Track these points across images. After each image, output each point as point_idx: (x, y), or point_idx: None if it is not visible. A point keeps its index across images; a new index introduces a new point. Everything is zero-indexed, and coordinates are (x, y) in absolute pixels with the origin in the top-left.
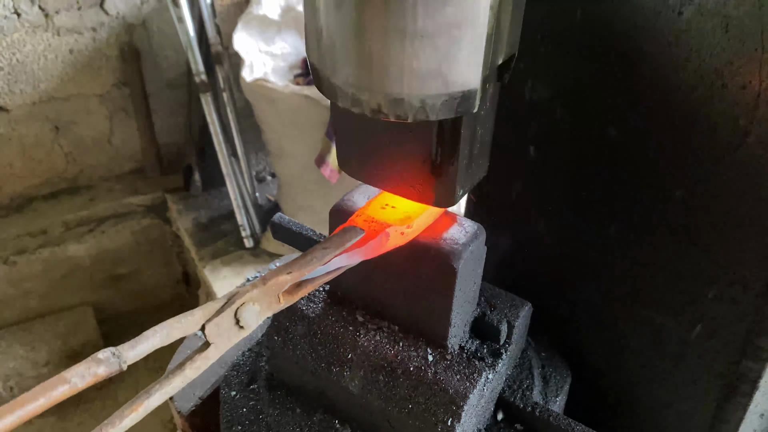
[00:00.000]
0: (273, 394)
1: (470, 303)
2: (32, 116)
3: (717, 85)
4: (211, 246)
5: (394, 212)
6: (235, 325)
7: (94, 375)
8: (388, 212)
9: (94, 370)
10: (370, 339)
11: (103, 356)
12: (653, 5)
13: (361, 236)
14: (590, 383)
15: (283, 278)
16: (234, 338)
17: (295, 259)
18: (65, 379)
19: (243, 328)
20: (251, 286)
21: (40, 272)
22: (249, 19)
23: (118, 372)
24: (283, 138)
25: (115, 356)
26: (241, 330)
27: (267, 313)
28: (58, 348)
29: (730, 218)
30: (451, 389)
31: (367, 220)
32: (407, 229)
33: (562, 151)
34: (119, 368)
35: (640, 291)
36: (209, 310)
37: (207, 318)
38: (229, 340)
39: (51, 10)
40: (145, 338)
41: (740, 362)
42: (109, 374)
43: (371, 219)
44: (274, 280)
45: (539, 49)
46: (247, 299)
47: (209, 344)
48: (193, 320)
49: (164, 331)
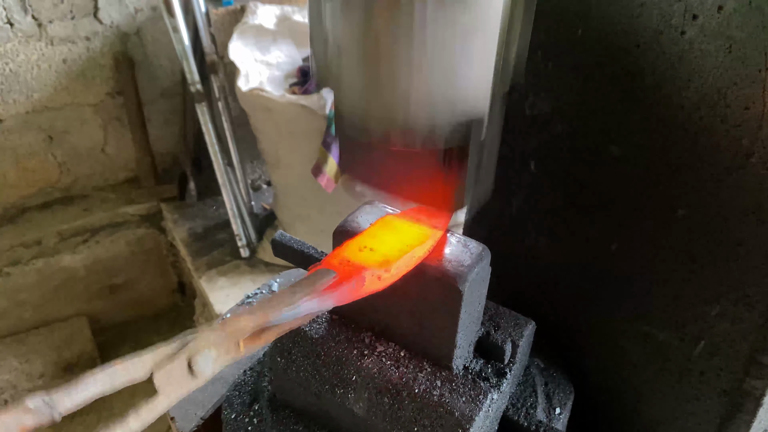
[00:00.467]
0: (276, 415)
1: (475, 323)
2: (26, 126)
3: (720, 105)
4: (206, 256)
5: (372, 255)
6: (188, 373)
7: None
8: (365, 254)
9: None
10: (374, 361)
11: (33, 405)
12: (655, 25)
13: (334, 279)
14: (592, 399)
15: (244, 324)
16: (186, 387)
17: (260, 302)
18: None
19: (196, 377)
20: (209, 330)
21: (35, 283)
22: (244, 29)
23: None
24: (280, 147)
25: (48, 405)
26: (194, 379)
27: (225, 360)
28: (53, 360)
29: (733, 237)
30: (457, 411)
31: (342, 262)
32: (385, 273)
33: (563, 167)
34: (51, 419)
35: (643, 308)
36: (159, 355)
37: (157, 363)
38: (180, 389)
39: (44, 19)
40: (84, 385)
41: (744, 380)
42: (40, 425)
43: (347, 261)
44: (234, 325)
45: (540, 65)
46: (202, 345)
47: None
48: (141, 366)
49: (106, 378)
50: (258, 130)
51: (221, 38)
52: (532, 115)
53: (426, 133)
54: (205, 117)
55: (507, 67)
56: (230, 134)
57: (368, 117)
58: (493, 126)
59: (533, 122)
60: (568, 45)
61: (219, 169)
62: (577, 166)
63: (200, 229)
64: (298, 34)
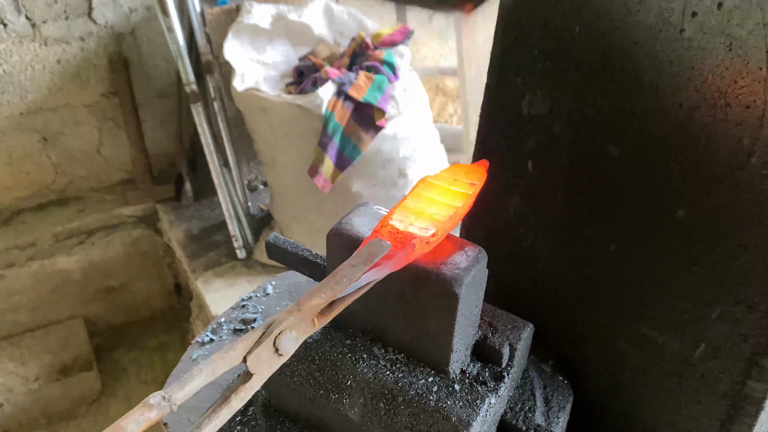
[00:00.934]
0: (270, 421)
1: (472, 327)
2: (20, 127)
3: (720, 104)
4: (203, 257)
5: (419, 217)
6: (274, 353)
7: (147, 420)
8: (411, 220)
9: (147, 415)
10: (369, 365)
11: (154, 401)
12: (654, 23)
13: (388, 250)
14: (591, 402)
15: (317, 302)
16: (274, 365)
17: (326, 280)
18: (121, 428)
19: (282, 355)
20: (287, 313)
21: (30, 285)
22: (240, 29)
23: (169, 414)
24: (276, 148)
25: (166, 400)
26: (280, 357)
27: (303, 337)
28: (49, 362)
29: (733, 238)
30: (454, 417)
31: (392, 232)
32: (432, 238)
33: (561, 168)
34: (170, 410)
35: (642, 310)
36: (249, 342)
37: (247, 350)
38: (270, 368)
39: (38, 20)
40: (192, 378)
41: (745, 383)
42: (162, 417)
43: (396, 230)
44: (308, 305)
45: (537, 64)
46: (284, 327)
47: (251, 374)
48: (235, 354)
49: (209, 368)
50: (254, 131)
51: (216, 38)
52: (530, 115)
53: None
54: (201, 117)
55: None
56: (226, 134)
57: None
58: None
59: (531, 122)
60: (566, 43)
61: (215, 169)
62: (575, 166)
63: (196, 230)
64: (294, 33)
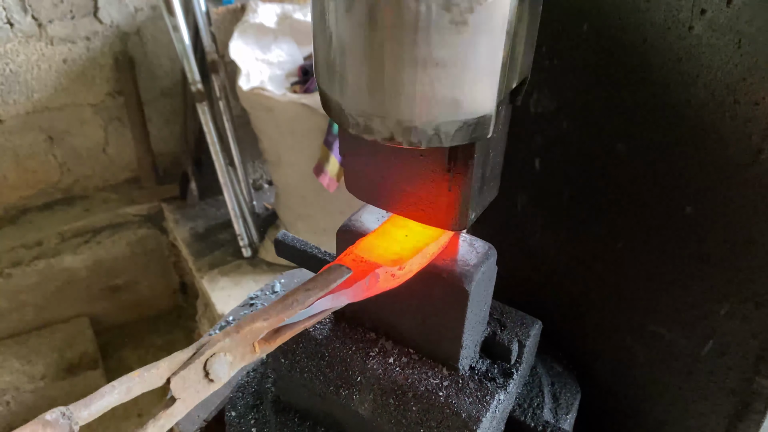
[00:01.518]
0: (280, 417)
1: (481, 323)
2: (26, 126)
3: (729, 101)
4: (208, 256)
5: (386, 252)
6: (204, 378)
7: None
8: (379, 252)
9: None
10: (379, 361)
11: (51, 418)
12: (662, 20)
13: (348, 276)
14: (599, 399)
15: (259, 325)
16: (203, 392)
17: (274, 303)
18: None
19: (213, 381)
20: (223, 335)
21: (36, 284)
22: (245, 28)
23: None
24: (281, 147)
25: (66, 417)
26: (211, 383)
27: (240, 363)
28: (55, 361)
29: (742, 235)
30: (464, 413)
31: (355, 260)
32: (398, 270)
33: (569, 165)
34: (70, 430)
35: (650, 306)
36: (175, 362)
37: (173, 371)
38: (198, 394)
39: (44, 19)
40: (101, 395)
41: (753, 379)
42: None
43: (360, 259)
44: (248, 328)
45: (545, 62)
46: (218, 349)
47: (174, 400)
48: (157, 373)
49: (123, 387)
50: (259, 130)
51: (222, 37)
52: (537, 112)
53: (432, 133)
54: (206, 116)
55: (514, 62)
56: (231, 133)
57: (373, 116)
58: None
59: (538, 120)
60: (574, 40)
61: (220, 168)
62: (583, 164)
63: (202, 229)
64: (299, 32)
